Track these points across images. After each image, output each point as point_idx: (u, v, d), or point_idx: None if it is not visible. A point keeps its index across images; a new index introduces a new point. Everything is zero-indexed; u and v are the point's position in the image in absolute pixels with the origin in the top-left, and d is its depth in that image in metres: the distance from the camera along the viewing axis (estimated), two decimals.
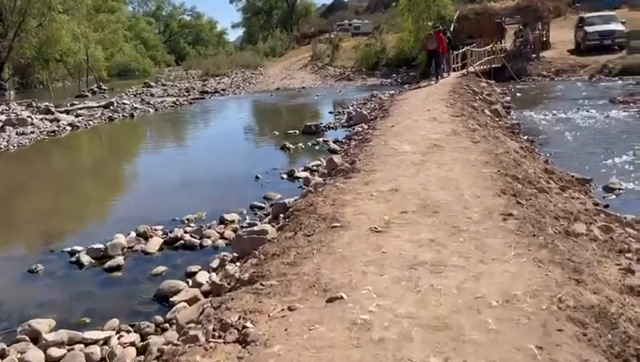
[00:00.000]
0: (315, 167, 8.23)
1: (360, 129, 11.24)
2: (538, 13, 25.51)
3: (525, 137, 10.48)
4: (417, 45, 27.61)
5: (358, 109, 15.70)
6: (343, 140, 10.55)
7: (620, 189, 6.75)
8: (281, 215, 5.53)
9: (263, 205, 6.85)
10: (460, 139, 7.89)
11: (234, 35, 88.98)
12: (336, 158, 7.46)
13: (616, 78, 20.20)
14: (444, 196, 4.98)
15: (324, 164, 8.07)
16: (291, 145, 10.59)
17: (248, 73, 39.86)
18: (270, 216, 5.99)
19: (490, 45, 23.84)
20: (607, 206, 6.17)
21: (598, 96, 16.09)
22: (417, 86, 19.62)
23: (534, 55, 25.13)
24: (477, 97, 15.34)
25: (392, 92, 20.86)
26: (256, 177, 8.22)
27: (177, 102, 22.29)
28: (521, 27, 26.24)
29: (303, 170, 8.19)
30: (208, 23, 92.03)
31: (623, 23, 25.76)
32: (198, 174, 9.11)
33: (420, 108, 11.68)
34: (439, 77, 18.55)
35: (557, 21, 30.24)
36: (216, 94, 26.93)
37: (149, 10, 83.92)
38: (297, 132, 12.59)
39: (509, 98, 16.95)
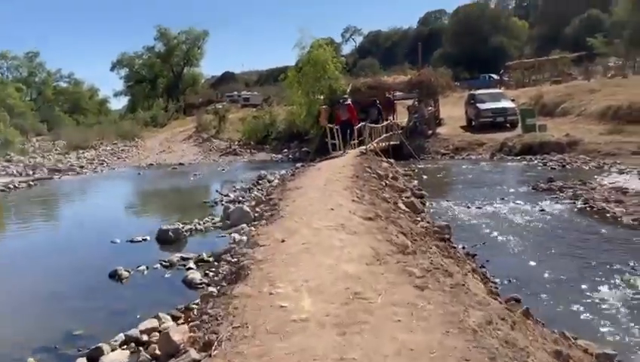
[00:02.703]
0: (144, 337, 4.59)
1: (236, 238, 7.85)
2: (432, 90, 24.61)
3: (462, 247, 7.75)
4: (309, 119, 25.51)
5: (240, 199, 12.38)
6: (211, 259, 7.07)
7: None
8: None
9: None
10: (392, 276, 4.80)
11: (120, 104, 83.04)
12: (177, 334, 3.94)
13: (519, 158, 19.09)
14: None
15: (161, 333, 4.48)
16: (126, 271, 6.83)
17: (121, 145, 35.23)
18: None
19: (387, 121, 22.15)
20: None
21: (514, 180, 14.35)
22: (311, 165, 16.94)
23: (430, 132, 23.94)
24: (383, 183, 12.77)
25: (284, 172, 17.94)
26: None
27: (11, 186, 17.45)
28: (415, 103, 25.14)
29: (120, 345, 4.51)
30: (88, 91, 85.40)
31: (512, 100, 25.71)
32: None
33: (320, 205, 8.63)
34: (346, 150, 17.41)
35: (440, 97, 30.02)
36: (70, 172, 22.24)
37: (19, 77, 75.82)
38: (148, 239, 8.87)
39: (416, 182, 14.67)
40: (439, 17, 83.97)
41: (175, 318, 4.96)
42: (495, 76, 46.37)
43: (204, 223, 9.74)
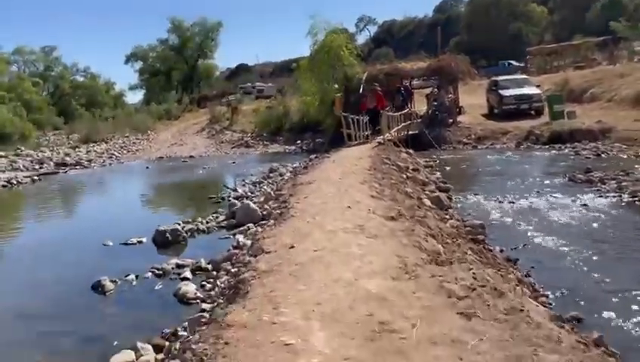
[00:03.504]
0: None
1: (240, 241, 6.89)
2: (452, 76, 23.32)
3: (499, 250, 6.72)
4: (323, 108, 24.49)
5: (249, 195, 11.46)
6: (210, 267, 6.15)
7: None
8: None
9: None
10: (426, 296, 3.82)
11: (136, 97, 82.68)
12: None
13: (547, 147, 17.86)
14: None
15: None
16: (112, 282, 5.92)
17: (133, 138, 34.60)
18: None
19: (407, 109, 21.00)
20: None
21: (547, 171, 13.18)
22: (326, 156, 15.96)
23: (451, 120, 22.71)
24: (404, 175, 11.75)
25: (296, 165, 17.00)
26: None
27: (14, 181, 16.74)
28: (434, 90, 23.94)
29: None
30: (105, 85, 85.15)
31: (537, 86, 24.36)
32: None
33: (335, 201, 7.65)
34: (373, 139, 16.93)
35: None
36: (78, 166, 21.54)
37: (36, 71, 75.58)
38: (144, 241, 7.98)
39: (439, 174, 13.59)
40: (455, 5, 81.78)
41: (157, 348, 4.03)
42: (515, 63, 44.79)
43: (207, 222, 8.82)
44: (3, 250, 8.98)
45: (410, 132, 20.05)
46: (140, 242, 7.90)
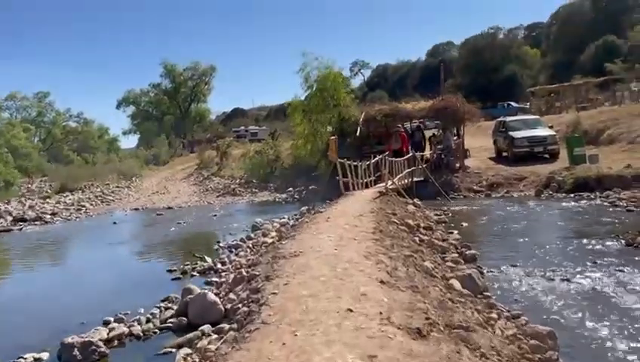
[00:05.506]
0: None
1: None
2: (458, 116, 21.22)
3: None
4: (317, 152, 22.32)
5: (219, 267, 8.91)
6: None
7: None
8: None
9: None
10: None
11: (132, 143, 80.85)
12: None
13: (573, 195, 15.54)
14: None
15: None
16: None
17: (113, 186, 32.24)
18: None
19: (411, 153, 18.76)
20: None
21: (588, 229, 10.66)
22: (319, 211, 13.54)
23: (458, 165, 20.49)
24: (417, 238, 9.34)
25: (285, 219, 14.60)
26: None
27: None
28: (439, 132, 21.85)
29: None
30: (98, 130, 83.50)
31: (550, 127, 22.33)
32: None
33: (330, 295, 5.17)
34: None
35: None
36: (37, 222, 18.99)
37: (28, 117, 73.88)
38: (45, 358, 5.38)
39: (456, 234, 11.14)
40: (447, 49, 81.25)
41: None
42: (514, 104, 43.89)
43: (147, 320, 6.24)
44: None
45: (415, 179, 17.76)
46: (37, 361, 5.32)
